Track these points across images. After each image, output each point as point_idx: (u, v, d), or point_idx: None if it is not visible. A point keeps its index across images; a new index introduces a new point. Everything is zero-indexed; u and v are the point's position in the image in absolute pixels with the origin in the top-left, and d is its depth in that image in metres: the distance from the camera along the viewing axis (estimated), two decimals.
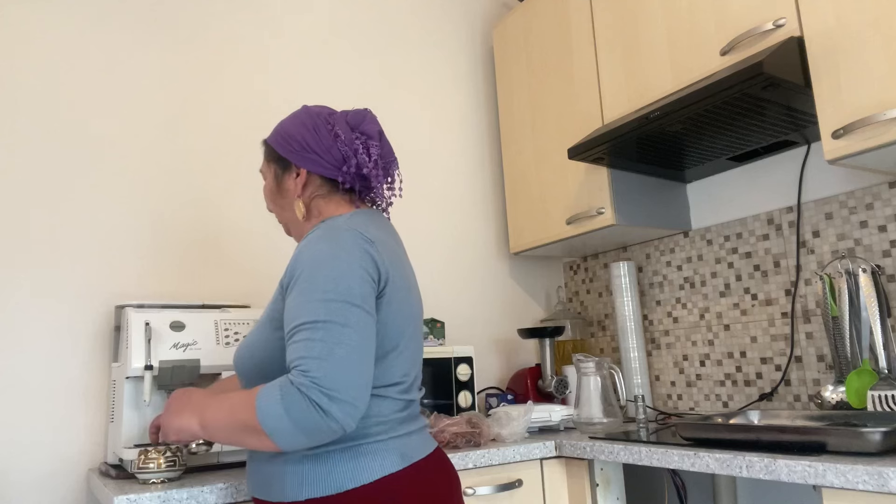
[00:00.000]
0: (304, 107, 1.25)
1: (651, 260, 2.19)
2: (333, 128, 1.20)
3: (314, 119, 1.21)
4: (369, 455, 1.05)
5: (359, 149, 1.19)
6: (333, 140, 1.19)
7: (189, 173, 1.89)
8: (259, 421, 0.97)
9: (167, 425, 1.12)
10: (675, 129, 1.64)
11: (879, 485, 1.02)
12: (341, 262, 1.04)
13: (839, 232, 1.71)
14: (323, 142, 1.19)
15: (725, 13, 1.62)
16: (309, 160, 1.20)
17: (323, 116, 1.21)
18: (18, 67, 1.70)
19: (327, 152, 1.19)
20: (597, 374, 1.74)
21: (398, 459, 1.07)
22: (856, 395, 1.49)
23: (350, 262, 1.05)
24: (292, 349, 1.00)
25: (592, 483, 1.59)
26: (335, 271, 1.03)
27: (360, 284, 1.04)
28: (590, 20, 2.02)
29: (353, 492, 1.02)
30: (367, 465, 1.04)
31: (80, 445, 1.63)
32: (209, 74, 1.98)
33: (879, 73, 1.32)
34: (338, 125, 1.20)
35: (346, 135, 1.19)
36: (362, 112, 1.23)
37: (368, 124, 1.22)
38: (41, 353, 1.62)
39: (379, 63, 2.32)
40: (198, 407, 1.09)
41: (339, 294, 1.01)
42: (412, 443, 1.11)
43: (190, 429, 1.09)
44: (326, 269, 1.03)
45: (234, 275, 1.91)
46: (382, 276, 1.09)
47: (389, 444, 1.07)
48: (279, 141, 1.23)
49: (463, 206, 2.39)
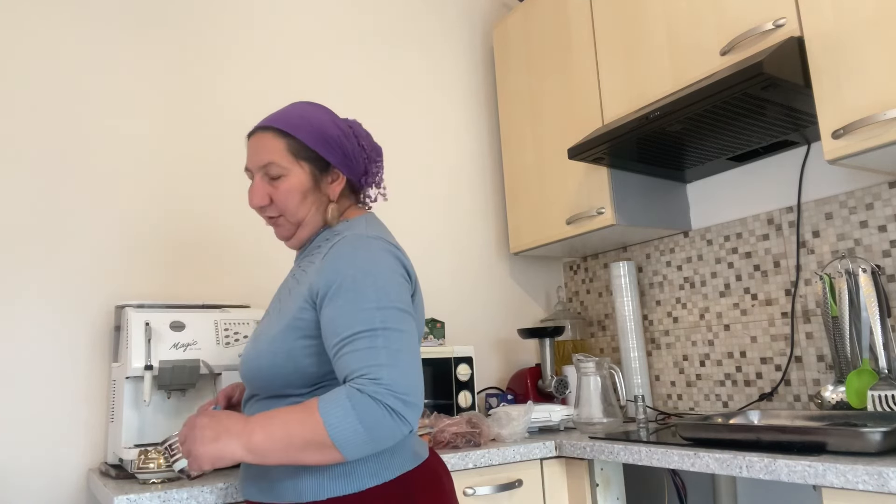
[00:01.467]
0: (316, 104, 1.23)
1: (651, 260, 2.19)
2: (356, 137, 1.23)
3: (338, 123, 1.21)
4: (388, 453, 1.06)
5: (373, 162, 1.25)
6: (360, 149, 1.23)
7: (190, 173, 1.89)
8: (329, 434, 0.94)
9: (202, 455, 1.00)
10: (675, 129, 1.64)
11: (879, 485, 1.02)
12: (383, 270, 1.05)
13: (839, 232, 1.71)
14: (353, 149, 1.21)
15: (725, 13, 1.62)
16: (347, 166, 1.21)
17: (342, 121, 1.23)
18: (17, 69, 1.70)
19: (356, 161, 1.22)
20: (597, 374, 1.74)
21: (412, 457, 1.08)
22: (856, 395, 1.49)
23: (391, 269, 1.06)
24: (352, 358, 0.98)
25: (592, 483, 1.59)
26: (381, 280, 1.04)
27: (404, 290, 1.06)
28: (590, 20, 2.02)
29: (375, 490, 1.03)
30: (387, 463, 1.05)
31: (80, 445, 1.63)
32: (209, 75, 1.98)
33: (879, 73, 1.32)
34: (358, 134, 1.23)
35: (368, 145, 1.24)
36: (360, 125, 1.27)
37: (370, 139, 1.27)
38: (41, 353, 1.62)
39: (379, 63, 2.32)
40: (239, 431, 1.00)
41: (391, 301, 1.02)
42: (419, 442, 1.14)
43: (233, 455, 1.00)
44: (371, 277, 1.03)
45: (234, 275, 1.91)
46: (412, 280, 1.13)
47: (405, 442, 1.09)
48: (318, 140, 1.18)
49: (463, 205, 2.39)
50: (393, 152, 2.28)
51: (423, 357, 1.86)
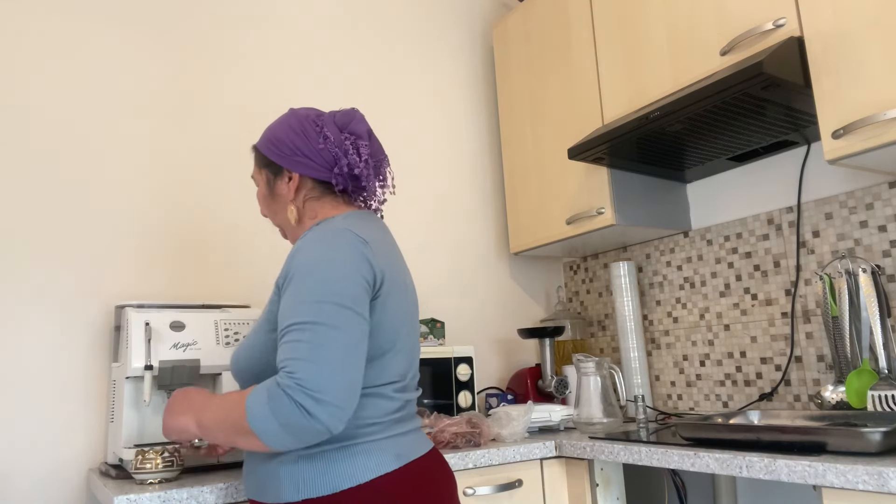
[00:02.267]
0: (291, 109, 1.25)
1: (651, 260, 2.19)
2: (322, 129, 1.20)
3: (302, 122, 1.21)
4: (364, 454, 1.05)
5: (349, 149, 1.19)
6: (323, 142, 1.19)
7: (190, 173, 1.89)
8: (248, 422, 0.97)
9: (167, 426, 1.15)
10: (675, 129, 1.64)
11: (879, 485, 1.02)
12: (335, 263, 1.04)
13: (839, 232, 1.71)
14: (312, 144, 1.19)
15: (725, 13, 1.62)
16: (299, 163, 1.20)
17: (311, 118, 1.21)
18: (18, 69, 1.70)
19: (317, 155, 1.19)
20: (597, 374, 1.74)
21: (393, 459, 1.07)
22: (856, 395, 1.49)
23: (344, 263, 1.05)
24: (280, 350, 1.00)
25: (592, 483, 1.59)
26: (328, 273, 1.03)
27: (352, 286, 1.04)
28: (590, 20, 2.02)
29: (349, 491, 1.02)
30: (362, 465, 1.04)
31: (80, 445, 1.63)
32: (209, 75, 1.98)
33: (879, 73, 1.32)
34: (326, 126, 1.20)
35: (335, 136, 1.19)
36: (350, 112, 1.23)
37: (357, 124, 1.21)
38: (41, 353, 1.62)
39: (379, 63, 2.32)
40: (195, 407, 1.11)
41: (330, 295, 1.01)
42: (408, 442, 1.11)
43: (188, 429, 1.11)
44: (319, 271, 1.03)
45: (234, 275, 1.91)
46: (378, 277, 1.09)
47: (384, 443, 1.07)
48: (269, 146, 1.23)
49: (463, 206, 2.39)
50: (393, 152, 2.28)
51: (423, 357, 1.86)
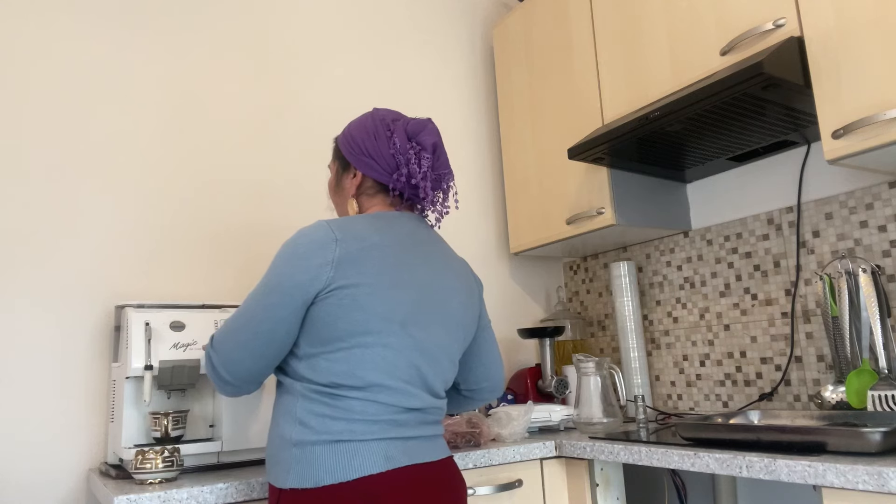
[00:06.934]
0: (373, 110, 1.30)
1: (651, 260, 2.19)
2: (392, 135, 1.24)
3: (376, 124, 1.26)
4: (350, 454, 1.06)
5: (411, 158, 1.23)
6: (390, 147, 1.24)
7: (189, 173, 1.89)
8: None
9: None
10: (675, 129, 1.64)
11: (879, 485, 1.02)
12: (282, 256, 1.14)
13: (839, 232, 1.71)
14: (380, 148, 1.24)
15: (725, 13, 1.62)
16: (365, 163, 1.25)
17: (386, 122, 1.25)
18: (19, 69, 1.70)
19: (382, 159, 1.24)
20: (597, 374, 1.74)
21: (382, 461, 1.07)
22: (856, 395, 1.49)
23: (291, 256, 1.13)
24: None
25: (592, 483, 1.59)
26: (278, 259, 1.14)
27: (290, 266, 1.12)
28: (590, 20, 2.02)
29: (331, 488, 1.03)
30: (347, 464, 1.05)
31: (80, 445, 1.63)
32: (209, 75, 1.98)
33: (879, 73, 1.32)
34: (396, 133, 1.24)
35: (402, 143, 1.23)
36: (423, 122, 1.26)
37: (426, 135, 1.25)
38: (41, 353, 1.62)
39: (378, 63, 2.32)
40: None
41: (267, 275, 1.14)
42: (405, 447, 1.10)
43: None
44: (271, 264, 1.16)
45: (234, 275, 1.91)
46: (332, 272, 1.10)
47: (374, 445, 1.07)
48: (344, 141, 1.29)
49: (463, 205, 2.39)
50: None
51: None
